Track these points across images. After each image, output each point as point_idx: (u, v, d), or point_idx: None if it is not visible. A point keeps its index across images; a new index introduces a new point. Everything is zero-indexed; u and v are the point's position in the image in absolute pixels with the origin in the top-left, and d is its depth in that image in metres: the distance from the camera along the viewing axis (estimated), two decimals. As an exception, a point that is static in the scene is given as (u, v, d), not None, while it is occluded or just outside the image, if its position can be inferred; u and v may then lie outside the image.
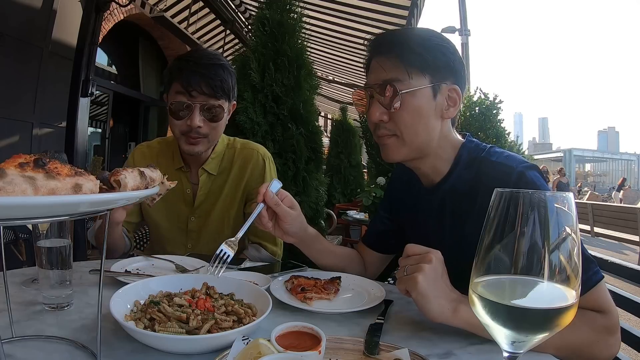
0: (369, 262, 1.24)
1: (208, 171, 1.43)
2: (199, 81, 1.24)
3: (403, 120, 0.93)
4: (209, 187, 1.45)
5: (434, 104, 0.93)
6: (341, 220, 4.75)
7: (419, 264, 0.77)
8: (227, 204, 1.44)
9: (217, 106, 1.28)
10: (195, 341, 0.68)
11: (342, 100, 9.37)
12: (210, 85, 1.25)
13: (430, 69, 0.91)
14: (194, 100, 1.26)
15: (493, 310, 0.46)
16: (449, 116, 0.96)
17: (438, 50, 0.92)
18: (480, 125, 4.46)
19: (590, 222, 6.72)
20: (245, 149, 1.48)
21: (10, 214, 0.45)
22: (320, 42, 5.77)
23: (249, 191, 1.44)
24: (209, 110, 1.28)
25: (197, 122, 1.26)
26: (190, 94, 1.25)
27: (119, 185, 0.55)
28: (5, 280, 0.75)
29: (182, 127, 1.28)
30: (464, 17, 4.68)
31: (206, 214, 1.45)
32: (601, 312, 0.80)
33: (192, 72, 1.25)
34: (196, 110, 1.26)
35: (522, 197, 0.46)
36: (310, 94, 2.69)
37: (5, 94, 3.80)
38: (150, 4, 5.09)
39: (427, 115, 0.93)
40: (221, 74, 1.28)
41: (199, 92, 1.25)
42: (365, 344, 0.70)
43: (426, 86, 0.91)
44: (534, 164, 0.91)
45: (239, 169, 1.45)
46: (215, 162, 1.44)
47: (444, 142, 0.98)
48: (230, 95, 1.34)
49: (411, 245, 0.82)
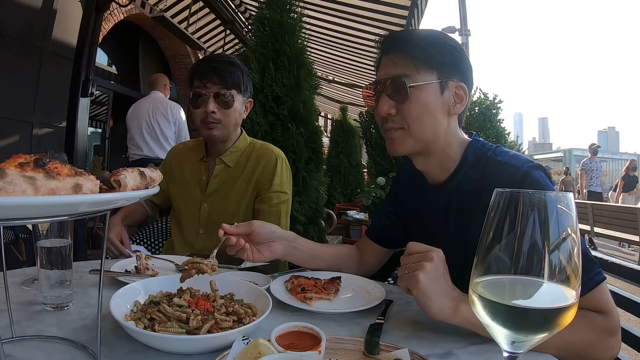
0: (369, 256, 1.24)
1: (225, 162, 1.57)
2: (211, 74, 1.47)
3: (410, 113, 0.95)
4: (224, 178, 1.58)
5: (441, 100, 0.96)
6: (341, 220, 4.75)
7: (421, 262, 0.78)
8: (239, 197, 1.55)
9: (227, 94, 1.49)
10: (195, 341, 0.68)
11: (342, 100, 9.37)
12: (221, 76, 1.48)
13: (438, 66, 0.94)
14: (208, 90, 1.48)
15: (493, 310, 0.46)
16: (456, 112, 0.98)
17: (445, 49, 0.96)
18: (480, 125, 4.46)
19: (590, 222, 6.71)
20: (262, 147, 1.62)
21: (10, 214, 0.45)
22: (320, 42, 5.77)
23: (259, 188, 1.55)
24: (221, 97, 1.48)
25: (211, 108, 1.47)
26: (205, 85, 1.48)
27: (119, 185, 0.55)
28: (5, 280, 0.75)
29: (201, 115, 1.49)
30: (464, 17, 4.68)
31: (218, 204, 1.57)
32: (602, 313, 0.80)
33: (206, 68, 1.50)
34: (210, 98, 1.47)
35: (522, 197, 0.46)
36: (310, 94, 2.69)
37: (5, 94, 3.80)
38: (150, 4, 5.09)
39: (434, 110, 0.95)
40: (230, 68, 1.50)
41: (212, 83, 1.47)
42: (365, 344, 0.70)
43: (434, 82, 0.94)
44: (539, 164, 0.91)
45: (253, 165, 1.57)
46: (233, 156, 1.59)
47: (451, 140, 0.99)
48: (241, 87, 1.53)
49: (413, 244, 0.82)
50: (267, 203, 1.51)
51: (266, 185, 1.53)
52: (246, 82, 1.55)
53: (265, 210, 1.50)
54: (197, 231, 1.58)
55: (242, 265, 1.25)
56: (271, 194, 1.52)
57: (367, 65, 6.16)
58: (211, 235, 1.54)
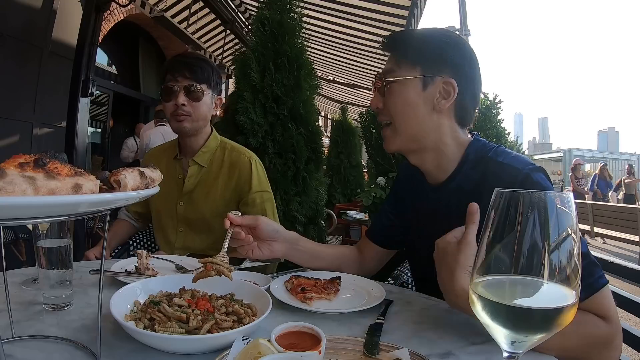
0: (370, 257, 1.24)
1: (198, 162, 1.61)
2: (182, 68, 1.54)
3: (392, 107, 0.99)
4: (199, 178, 1.62)
5: (422, 95, 0.96)
6: (341, 220, 4.74)
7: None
8: (218, 200, 1.60)
9: (198, 88, 1.54)
10: (195, 341, 0.68)
11: (342, 100, 9.37)
12: (192, 71, 1.53)
13: (423, 62, 0.96)
14: (179, 84, 1.53)
15: (493, 310, 0.46)
16: (441, 109, 0.97)
17: (433, 44, 0.97)
18: (480, 125, 4.47)
19: (590, 222, 6.71)
20: (233, 151, 1.65)
21: (10, 214, 0.45)
22: (320, 42, 5.77)
23: (239, 193, 1.60)
24: (191, 91, 1.53)
25: (181, 100, 1.52)
26: (176, 79, 1.53)
27: (119, 185, 0.55)
28: (5, 280, 0.75)
29: (171, 107, 1.54)
30: (464, 17, 4.68)
31: (195, 204, 1.61)
32: (603, 319, 0.79)
33: (178, 63, 1.56)
34: (181, 91, 1.53)
35: (522, 197, 0.46)
36: (310, 94, 2.69)
37: (5, 94, 3.80)
38: (150, 4, 5.08)
39: (415, 105, 0.97)
40: (201, 64, 1.56)
41: (183, 77, 1.53)
42: (365, 344, 0.70)
43: (414, 77, 0.96)
44: (540, 166, 0.91)
45: (227, 169, 1.61)
46: (205, 156, 1.62)
47: (446, 138, 0.99)
48: (210, 83, 1.58)
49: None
50: (251, 205, 1.56)
51: (246, 189, 1.58)
52: (216, 80, 1.61)
53: (251, 212, 1.53)
54: (176, 229, 1.64)
55: (242, 265, 1.25)
56: (254, 195, 1.57)
57: (367, 65, 6.16)
58: (191, 234, 1.62)
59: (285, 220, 2.45)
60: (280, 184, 2.49)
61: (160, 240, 1.68)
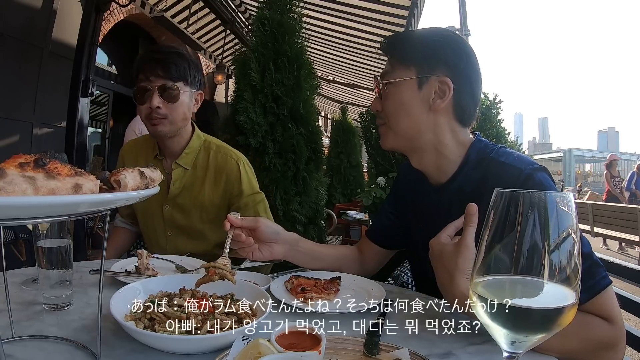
0: (370, 257, 1.24)
1: (182, 165, 1.51)
2: (155, 66, 1.39)
3: (387, 109, 1.00)
4: (184, 182, 1.53)
5: (418, 95, 0.96)
6: (341, 220, 4.74)
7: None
8: (207, 207, 1.52)
9: (173, 88, 1.40)
10: (195, 341, 0.68)
11: (342, 100, 9.37)
12: (165, 69, 1.39)
13: (417, 62, 0.96)
14: (152, 84, 1.39)
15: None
16: (437, 108, 0.96)
17: (427, 44, 0.97)
18: (480, 125, 4.47)
19: (590, 222, 6.72)
20: (219, 153, 1.55)
21: (10, 214, 0.45)
22: (320, 42, 5.77)
23: (229, 197, 1.52)
24: (166, 91, 1.40)
25: (155, 103, 1.38)
26: (149, 79, 1.39)
27: (119, 185, 0.55)
28: (5, 280, 0.75)
29: (146, 110, 1.41)
30: (464, 17, 4.66)
31: (181, 207, 1.53)
32: (607, 320, 0.78)
33: (149, 60, 1.41)
34: (155, 93, 1.39)
35: (522, 197, 0.46)
36: (310, 94, 2.69)
37: (5, 94, 3.80)
38: (150, 4, 5.09)
39: (410, 106, 0.97)
40: (175, 59, 1.41)
41: (156, 76, 1.39)
42: (365, 344, 0.69)
43: (409, 78, 0.97)
44: (543, 166, 0.90)
45: (214, 173, 1.52)
46: (189, 158, 1.52)
47: (444, 138, 0.98)
48: (188, 79, 1.44)
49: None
50: (243, 209, 1.49)
51: (235, 193, 1.51)
52: (194, 73, 1.46)
53: (244, 215, 1.49)
54: (165, 233, 1.56)
55: (242, 265, 1.25)
56: (246, 200, 1.51)
57: (367, 65, 6.16)
58: (182, 238, 1.55)
59: (285, 220, 2.45)
60: (280, 184, 2.49)
61: (150, 244, 1.59)
